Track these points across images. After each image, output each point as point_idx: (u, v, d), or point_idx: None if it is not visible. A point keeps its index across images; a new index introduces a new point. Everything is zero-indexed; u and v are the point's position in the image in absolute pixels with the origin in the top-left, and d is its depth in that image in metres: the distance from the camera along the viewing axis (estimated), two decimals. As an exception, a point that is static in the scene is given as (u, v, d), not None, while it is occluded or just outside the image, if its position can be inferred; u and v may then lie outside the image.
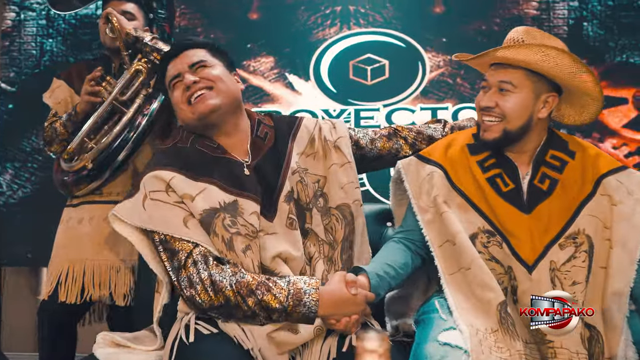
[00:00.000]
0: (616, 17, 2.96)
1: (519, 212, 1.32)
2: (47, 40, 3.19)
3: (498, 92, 1.35)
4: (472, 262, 1.28)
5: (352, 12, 3.08)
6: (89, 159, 1.87)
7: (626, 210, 1.32)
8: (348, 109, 3.04)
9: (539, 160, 1.38)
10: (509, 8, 3.01)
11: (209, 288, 1.23)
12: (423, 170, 1.45)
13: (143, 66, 1.90)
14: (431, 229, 1.37)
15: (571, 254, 1.26)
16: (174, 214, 1.30)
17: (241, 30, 3.11)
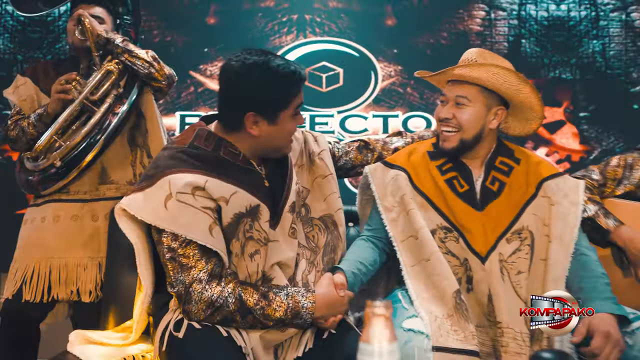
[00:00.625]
0: (550, 36, 3.27)
1: (473, 210, 1.51)
2: (-7, 36, 3.14)
3: (455, 106, 1.53)
4: (432, 254, 1.44)
5: (308, 20, 3.23)
6: (57, 157, 1.89)
7: (562, 210, 1.53)
8: (303, 114, 3.15)
9: (490, 165, 1.58)
10: (455, 24, 3.25)
11: (208, 308, 1.29)
12: (388, 174, 1.61)
13: (114, 67, 1.95)
14: (394, 226, 1.53)
15: (516, 247, 1.45)
16: (199, 218, 1.30)
17: (198, 35, 3.18)
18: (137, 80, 2.03)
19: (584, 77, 3.25)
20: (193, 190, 1.31)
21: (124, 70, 1.98)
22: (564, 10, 3.28)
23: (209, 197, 1.32)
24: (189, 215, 1.30)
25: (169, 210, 1.30)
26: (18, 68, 3.10)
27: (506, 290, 1.39)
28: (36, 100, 2.10)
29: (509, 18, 3.27)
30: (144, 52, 2.00)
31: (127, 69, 1.99)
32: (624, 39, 3.28)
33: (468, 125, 1.52)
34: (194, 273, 1.30)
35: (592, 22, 3.28)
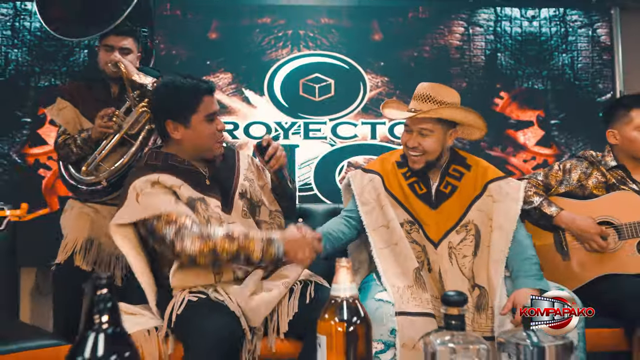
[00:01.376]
0: (524, 50, 3.64)
1: (429, 208, 1.90)
2: (12, 50, 3.46)
3: (419, 136, 1.91)
4: (399, 240, 1.82)
5: (302, 35, 3.58)
6: (103, 178, 2.31)
7: (503, 207, 1.90)
8: (298, 121, 3.53)
9: (445, 172, 1.97)
10: (436, 39, 3.62)
11: (198, 238, 1.63)
12: (365, 177, 2.01)
13: (147, 107, 2.34)
14: (369, 217, 1.91)
15: (463, 237, 1.83)
16: (165, 198, 1.73)
17: (201, 49, 3.52)
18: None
19: (554, 88, 3.62)
20: (152, 184, 1.76)
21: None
22: (536, 26, 3.66)
23: (163, 186, 1.75)
24: (155, 198, 1.71)
25: (141, 204, 1.71)
26: (35, 79, 3.44)
27: (453, 270, 1.76)
28: (78, 122, 2.51)
29: (485, 34, 3.64)
30: None
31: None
32: (591, 53, 3.66)
33: (431, 150, 1.92)
34: (180, 222, 1.67)
35: (561, 38, 3.65)
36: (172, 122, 1.82)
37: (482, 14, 3.64)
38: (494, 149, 3.57)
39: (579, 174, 2.15)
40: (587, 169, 2.16)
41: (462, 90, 3.55)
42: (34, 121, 3.36)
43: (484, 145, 3.56)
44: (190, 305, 1.65)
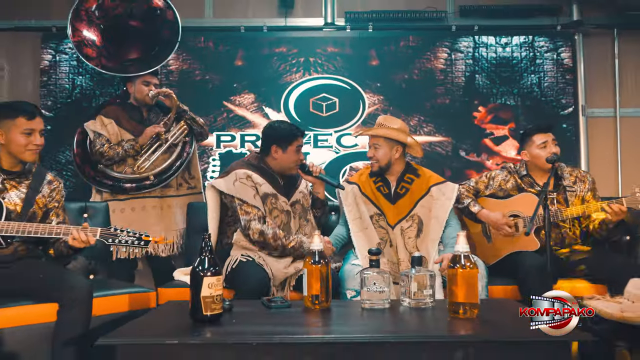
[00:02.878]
0: (498, 72, 4.52)
1: (389, 204, 2.81)
2: (77, 77, 4.47)
3: (374, 148, 2.86)
4: (368, 226, 2.74)
5: (312, 62, 4.53)
6: (151, 174, 3.32)
7: (440, 203, 2.79)
8: (309, 133, 4.47)
9: (400, 179, 2.87)
10: (424, 63, 4.52)
11: (257, 233, 2.58)
12: (348, 187, 2.95)
13: (185, 126, 3.41)
14: (349, 212, 2.83)
15: (410, 225, 2.73)
16: (250, 191, 2.68)
17: (229, 74, 4.48)
18: (193, 133, 3.53)
19: (524, 103, 4.49)
20: (247, 177, 2.71)
21: (189, 127, 3.46)
22: (509, 51, 4.54)
23: (252, 182, 2.69)
24: (245, 189, 2.67)
25: (235, 186, 2.68)
26: (96, 100, 4.44)
27: (402, 246, 2.70)
28: (119, 134, 3.46)
29: (465, 58, 4.53)
30: (201, 120, 3.55)
31: (190, 126, 3.46)
32: (555, 73, 4.52)
33: (381, 158, 2.86)
34: (251, 215, 2.61)
35: (530, 61, 4.52)
36: (275, 146, 2.82)
37: (462, 42, 4.53)
38: (471, 155, 4.48)
39: (499, 181, 3.03)
40: (506, 176, 3.04)
41: (446, 106, 4.48)
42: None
43: (462, 152, 4.47)
44: (241, 263, 2.61)
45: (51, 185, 2.60)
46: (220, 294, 1.66)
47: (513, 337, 1.49)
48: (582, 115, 4.52)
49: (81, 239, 2.29)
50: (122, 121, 3.49)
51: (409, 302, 1.89)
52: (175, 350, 1.45)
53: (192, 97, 4.29)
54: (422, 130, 4.46)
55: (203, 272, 1.63)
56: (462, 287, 1.70)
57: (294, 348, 1.47)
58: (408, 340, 1.48)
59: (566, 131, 4.46)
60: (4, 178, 2.46)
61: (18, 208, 2.43)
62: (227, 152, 4.43)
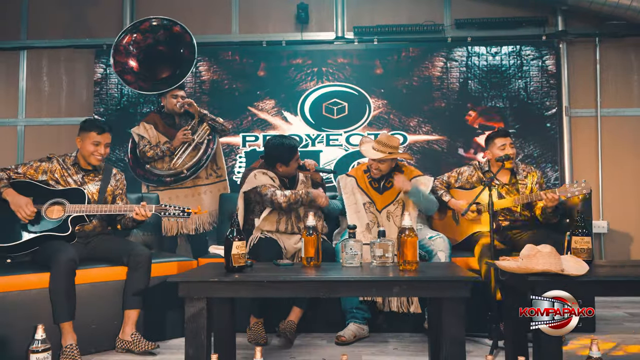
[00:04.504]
0: (489, 77, 5.39)
1: (378, 194, 3.73)
2: (124, 87, 5.51)
3: (379, 163, 3.74)
4: (360, 210, 3.68)
5: (324, 72, 5.46)
6: (184, 169, 4.30)
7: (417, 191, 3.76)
8: (322, 134, 5.42)
9: (388, 175, 3.79)
10: (422, 71, 5.41)
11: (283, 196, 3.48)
12: (348, 179, 3.88)
13: (207, 127, 4.36)
14: (347, 199, 3.76)
15: (396, 207, 3.66)
16: (267, 179, 3.58)
17: (253, 82, 5.45)
18: (215, 131, 4.46)
19: (512, 106, 5.35)
20: (262, 173, 3.63)
21: (211, 127, 4.40)
22: (498, 60, 5.39)
23: (267, 175, 3.61)
24: (263, 178, 3.60)
25: (257, 179, 3.60)
26: (140, 107, 5.49)
27: (390, 225, 3.62)
28: (157, 137, 4.45)
29: (459, 66, 5.41)
30: (220, 119, 4.46)
31: (211, 126, 4.40)
32: (541, 78, 5.35)
33: (384, 170, 3.71)
34: (274, 189, 3.53)
35: (518, 68, 5.37)
36: (279, 163, 3.68)
37: (457, 52, 5.41)
38: (465, 152, 5.36)
39: (467, 175, 3.90)
40: (472, 172, 3.90)
41: (442, 108, 5.37)
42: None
43: (460, 149, 5.36)
44: (260, 239, 3.55)
45: (116, 177, 3.59)
46: (245, 253, 2.61)
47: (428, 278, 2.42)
48: (566, 115, 5.34)
49: (141, 213, 3.27)
50: (159, 126, 4.51)
51: (375, 263, 2.83)
52: (215, 286, 2.41)
53: (221, 103, 5.31)
54: (420, 130, 5.36)
55: (232, 238, 2.60)
56: (408, 249, 2.63)
57: (292, 284, 2.43)
58: (363, 280, 2.42)
59: (550, 130, 5.30)
60: (84, 174, 3.46)
61: (95, 196, 3.42)
62: (251, 151, 5.41)
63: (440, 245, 3.46)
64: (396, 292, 2.41)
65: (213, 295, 2.48)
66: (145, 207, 3.29)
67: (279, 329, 3.40)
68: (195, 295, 2.43)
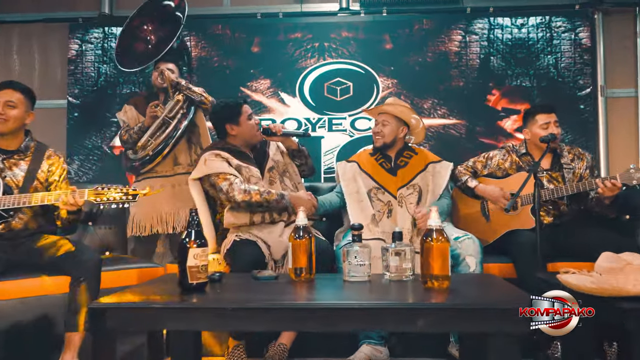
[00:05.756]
0: (513, 53, 4.50)
1: (390, 175, 2.89)
2: (102, 65, 4.67)
3: (381, 125, 2.93)
4: (363, 199, 2.84)
5: (326, 47, 4.60)
6: (150, 150, 3.44)
7: (435, 180, 2.89)
8: (323, 117, 4.57)
9: (399, 155, 2.95)
10: (438, 45, 4.54)
11: (243, 192, 2.69)
12: (348, 165, 3.05)
13: (180, 98, 3.49)
14: (346, 187, 2.93)
15: (410, 192, 2.81)
16: (222, 164, 2.79)
17: (246, 60, 4.59)
18: (194, 105, 3.58)
19: (540, 85, 4.47)
20: (215, 155, 2.83)
21: (186, 99, 3.52)
22: (525, 32, 4.51)
23: (221, 157, 2.81)
24: (216, 163, 2.79)
25: (207, 165, 2.80)
26: (120, 87, 4.64)
27: (403, 211, 2.77)
28: (137, 119, 3.64)
29: (480, 40, 4.53)
30: (197, 89, 3.56)
31: (188, 98, 3.52)
32: (573, 54, 4.47)
33: (387, 134, 2.94)
34: (231, 179, 2.73)
35: (547, 42, 4.49)
36: (228, 124, 2.95)
37: (477, 24, 4.53)
38: (486, 138, 4.49)
39: (498, 160, 3.06)
40: (504, 155, 3.06)
41: (460, 88, 4.50)
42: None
43: (478, 135, 4.49)
44: (234, 243, 2.71)
45: (50, 160, 2.75)
46: (205, 265, 1.78)
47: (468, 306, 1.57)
48: (601, 96, 4.46)
49: (69, 201, 2.44)
50: (139, 107, 3.67)
51: (389, 276, 1.98)
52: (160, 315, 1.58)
53: (210, 83, 4.44)
54: (435, 113, 4.49)
55: (189, 244, 1.76)
56: (435, 259, 1.78)
57: (268, 313, 1.58)
58: (372, 307, 1.57)
59: (583, 112, 4.42)
60: (4, 157, 2.63)
61: (20, 184, 2.59)
62: (244, 137, 4.56)
63: (470, 249, 2.63)
64: (421, 326, 1.56)
65: (157, 328, 1.66)
66: (76, 193, 2.44)
67: (266, 353, 2.57)
68: (132, 328, 1.59)
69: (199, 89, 3.60)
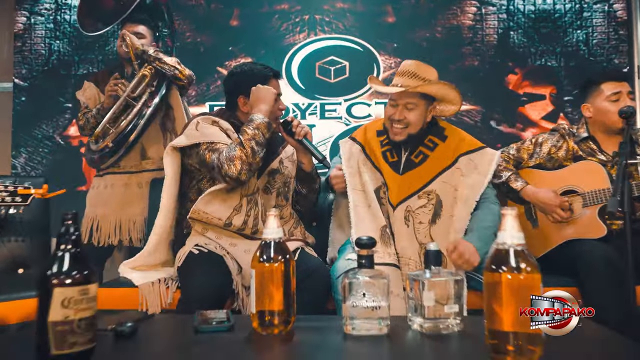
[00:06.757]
0: (537, 27, 3.65)
1: (395, 174, 1.99)
2: (54, 41, 3.78)
3: (405, 109, 2.00)
4: (372, 202, 1.94)
5: (318, 20, 3.73)
6: (109, 140, 2.53)
7: (469, 181, 1.98)
8: (314, 102, 3.69)
9: (419, 142, 2.05)
10: (449, 19, 3.68)
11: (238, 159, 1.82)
12: (353, 146, 2.15)
13: (148, 72, 2.56)
14: (351, 179, 2.03)
15: (423, 204, 1.92)
16: (220, 133, 1.94)
17: (224, 36, 3.71)
18: (166, 80, 2.63)
19: (568, 64, 3.61)
20: (212, 122, 1.98)
21: (156, 73, 2.59)
22: (550, 3, 3.65)
23: (220, 126, 1.96)
24: (213, 130, 1.94)
25: (199, 130, 1.93)
26: (75, 67, 3.75)
27: (408, 232, 1.89)
28: (98, 98, 2.74)
29: (498, 12, 3.67)
30: (170, 59, 2.60)
31: (158, 72, 2.60)
32: (606, 28, 3.62)
33: (414, 122, 2.01)
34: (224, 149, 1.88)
35: (576, 14, 3.63)
36: (243, 98, 2.06)
37: (495, -7, 3.68)
38: (505, 126, 3.63)
39: (549, 147, 2.21)
40: (558, 141, 2.21)
41: (474, 69, 3.64)
42: (75, 106, 3.64)
43: (496, 123, 3.63)
44: (191, 257, 1.83)
45: None
46: (89, 317, 0.91)
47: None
48: (639, 78, 3.62)
49: None
50: (102, 84, 2.73)
51: (421, 325, 1.11)
52: None
53: (181, 61, 3.51)
54: (446, 98, 3.62)
55: (55, 279, 0.89)
56: (513, 305, 0.91)
57: None
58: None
59: (619, 97, 3.56)
60: None
61: None
62: (220, 125, 3.67)
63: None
64: None
65: None
66: None
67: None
68: None
69: (171, 60, 2.65)
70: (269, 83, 2.04)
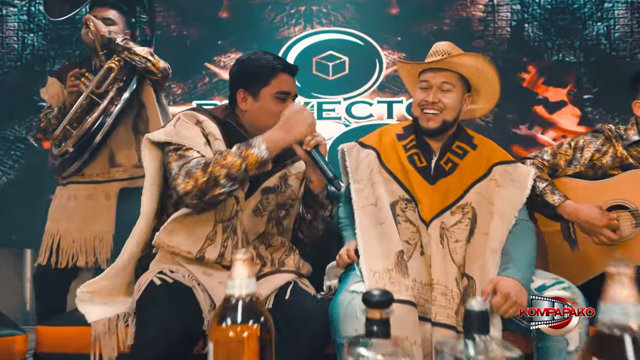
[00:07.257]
0: (553, 19, 3.26)
1: (426, 183, 1.61)
2: (28, 35, 3.38)
3: (439, 91, 1.63)
4: (386, 219, 1.55)
5: (315, 12, 3.33)
6: (70, 144, 2.12)
7: (507, 193, 1.62)
8: (311, 101, 3.30)
9: (446, 148, 1.68)
10: (457, 10, 3.29)
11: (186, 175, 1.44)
12: (362, 152, 1.76)
13: (115, 64, 2.15)
14: (359, 195, 1.64)
15: (458, 219, 1.54)
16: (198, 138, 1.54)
17: (212, 28, 3.32)
18: (137, 74, 2.22)
19: (587, 60, 3.23)
20: (196, 122, 1.58)
21: (124, 66, 2.19)
22: (568, -7, 3.29)
23: (202, 129, 1.57)
24: (190, 132, 1.54)
25: (176, 128, 1.55)
26: (51, 63, 3.36)
27: (444, 254, 1.50)
28: (62, 96, 2.32)
29: (511, 3, 3.28)
30: (141, 49, 2.18)
31: (128, 64, 2.19)
32: (630, 20, 3.24)
33: (451, 106, 1.64)
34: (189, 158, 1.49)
35: (596, 5, 3.24)
36: (243, 92, 1.65)
37: (507, -18, 3.29)
38: (519, 127, 3.25)
39: (592, 152, 1.82)
40: (603, 145, 1.82)
41: (486, 65, 3.26)
42: (50, 105, 3.29)
43: (509, 124, 3.25)
44: (151, 288, 1.43)
45: None
46: None
47: None
48: (664, 75, 3.23)
49: None
50: (65, 79, 2.30)
51: None
52: None
53: (165, 57, 3.03)
54: (455, 96, 3.24)
55: None
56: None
57: None
58: None
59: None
60: None
61: None
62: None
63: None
64: None
65: None
66: None
67: None
68: None
69: (143, 50, 2.21)
70: (277, 77, 1.62)
